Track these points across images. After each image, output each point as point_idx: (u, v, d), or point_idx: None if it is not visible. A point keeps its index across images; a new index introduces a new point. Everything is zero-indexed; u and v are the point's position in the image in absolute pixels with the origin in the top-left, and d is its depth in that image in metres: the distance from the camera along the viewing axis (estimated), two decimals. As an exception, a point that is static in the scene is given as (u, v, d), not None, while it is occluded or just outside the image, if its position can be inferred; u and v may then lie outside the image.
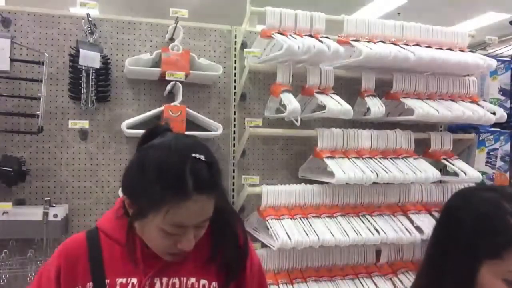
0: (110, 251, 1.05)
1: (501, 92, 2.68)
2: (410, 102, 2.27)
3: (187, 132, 2.11)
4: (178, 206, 0.92)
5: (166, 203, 0.92)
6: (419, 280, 1.06)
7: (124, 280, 1.02)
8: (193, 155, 0.95)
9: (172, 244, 0.97)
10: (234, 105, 2.37)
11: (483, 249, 0.90)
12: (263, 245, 2.14)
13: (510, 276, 0.88)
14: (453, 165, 2.37)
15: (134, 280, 1.02)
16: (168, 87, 2.15)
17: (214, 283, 1.06)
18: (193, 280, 1.04)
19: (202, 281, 1.05)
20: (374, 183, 2.15)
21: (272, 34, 2.11)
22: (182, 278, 1.04)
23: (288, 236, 1.99)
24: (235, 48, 2.38)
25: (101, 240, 1.07)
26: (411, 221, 2.25)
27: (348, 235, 2.06)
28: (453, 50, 2.36)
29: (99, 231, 1.09)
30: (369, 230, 2.13)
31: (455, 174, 2.33)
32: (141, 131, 2.13)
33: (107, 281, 1.02)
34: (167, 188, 0.91)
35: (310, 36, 2.15)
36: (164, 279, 1.03)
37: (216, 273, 1.07)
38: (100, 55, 2.09)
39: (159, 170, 0.93)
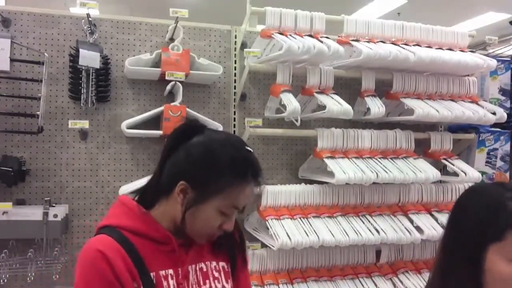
0: (142, 247, 1.07)
1: (501, 92, 2.68)
2: (410, 102, 2.27)
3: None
4: (239, 189, 1.08)
5: (233, 188, 1.07)
6: (433, 277, 1.08)
7: (164, 272, 1.08)
8: (247, 148, 1.12)
9: (218, 226, 1.10)
10: (234, 105, 2.37)
11: (487, 234, 0.95)
12: (263, 245, 2.14)
13: None
14: (453, 165, 2.37)
15: (171, 271, 1.09)
16: (168, 87, 2.15)
17: (226, 264, 1.21)
18: (214, 263, 1.18)
19: (221, 263, 1.20)
20: (374, 183, 2.15)
21: (272, 34, 2.11)
22: (206, 263, 1.17)
23: (288, 236, 1.99)
24: (235, 48, 2.38)
25: (129, 238, 1.06)
26: (411, 221, 2.25)
27: (348, 235, 2.06)
28: (453, 50, 2.36)
29: (121, 230, 1.07)
30: (369, 230, 2.13)
31: (455, 174, 2.33)
32: (141, 131, 2.16)
33: (152, 274, 1.06)
34: (235, 173, 1.06)
35: (310, 36, 2.15)
36: (193, 266, 1.14)
37: (224, 256, 1.21)
38: (100, 55, 2.09)
39: (231, 160, 1.07)
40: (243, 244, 1.27)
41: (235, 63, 2.38)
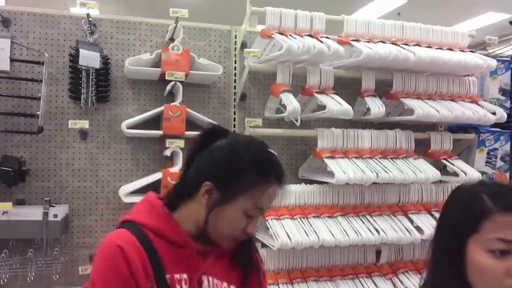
0: (161, 248, 1.07)
1: (501, 92, 2.68)
2: (410, 102, 2.27)
3: (187, 132, 2.12)
4: (263, 189, 1.09)
5: (257, 188, 1.08)
6: (426, 276, 1.10)
7: (178, 276, 1.08)
8: (270, 150, 1.16)
9: (242, 228, 1.11)
10: (234, 105, 2.37)
11: (465, 228, 0.98)
12: (263, 245, 2.13)
13: (490, 245, 0.94)
14: (453, 165, 2.37)
15: (185, 276, 1.09)
16: (168, 87, 2.15)
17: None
18: (225, 284, 1.16)
19: (231, 286, 1.17)
20: (374, 183, 2.15)
21: (272, 34, 2.11)
22: (222, 282, 1.15)
23: (288, 236, 1.99)
24: (235, 48, 2.38)
25: (150, 237, 1.07)
26: (411, 221, 2.25)
27: (348, 235, 2.06)
28: (453, 50, 2.36)
29: (142, 228, 1.07)
30: (369, 230, 2.13)
31: (455, 174, 2.33)
32: (141, 131, 2.16)
33: (167, 276, 1.06)
34: (260, 174, 1.09)
35: (310, 36, 2.15)
36: (210, 278, 1.12)
37: (237, 279, 1.19)
38: (100, 55, 2.09)
39: (255, 158, 1.10)
40: (260, 268, 1.24)
41: (235, 63, 2.38)
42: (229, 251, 1.17)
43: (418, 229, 2.20)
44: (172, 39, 2.24)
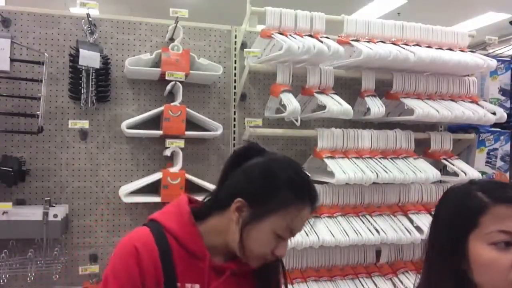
0: (178, 254, 1.08)
1: (501, 92, 2.68)
2: (410, 102, 2.27)
3: (187, 132, 2.12)
4: (298, 212, 1.06)
5: (290, 209, 1.05)
6: (421, 277, 1.10)
7: (189, 285, 1.07)
8: (305, 171, 1.12)
9: (271, 249, 1.08)
10: (234, 105, 2.37)
11: (464, 225, 0.99)
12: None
13: (492, 237, 0.95)
14: (453, 165, 2.37)
15: (197, 286, 1.08)
16: (168, 87, 2.15)
17: None
18: None
19: None
20: (374, 183, 2.15)
21: (272, 34, 2.11)
22: None
23: (288, 236, 1.99)
24: (235, 48, 2.38)
25: (169, 241, 1.07)
26: (411, 221, 2.25)
27: (348, 235, 2.06)
28: (453, 50, 2.36)
29: (165, 231, 1.08)
30: (369, 230, 2.13)
31: (455, 174, 2.33)
32: (141, 131, 2.16)
33: (178, 284, 1.06)
34: (295, 195, 1.05)
35: (310, 36, 2.15)
36: None
37: None
38: (100, 55, 2.09)
39: (290, 179, 1.07)
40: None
41: (235, 63, 2.38)
42: (249, 270, 1.14)
43: (418, 229, 2.20)
44: (172, 39, 2.24)
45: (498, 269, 0.93)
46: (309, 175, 1.13)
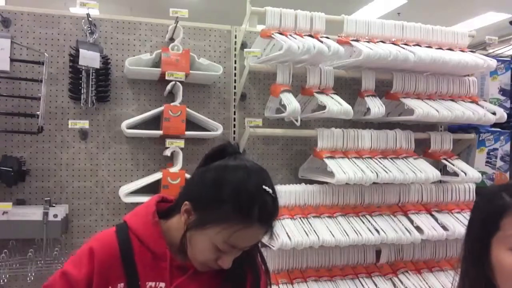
0: (141, 255, 1.08)
1: (501, 92, 2.68)
2: (410, 102, 2.27)
3: (187, 132, 2.12)
4: (240, 229, 0.99)
5: (231, 224, 0.98)
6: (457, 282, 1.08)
7: (153, 284, 1.07)
8: (264, 187, 1.02)
9: (214, 259, 1.04)
10: (234, 105, 2.37)
11: (488, 228, 0.93)
12: (263, 245, 2.13)
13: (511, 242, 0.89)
14: (453, 165, 2.37)
15: (163, 285, 1.07)
16: (168, 87, 2.15)
17: None
18: None
19: None
20: (374, 183, 2.15)
21: (272, 34, 2.11)
22: None
23: (288, 236, 1.99)
24: (235, 48, 2.38)
25: (132, 242, 1.08)
26: (411, 221, 2.25)
27: (348, 235, 2.06)
28: (453, 50, 2.37)
29: (130, 232, 1.09)
30: (369, 230, 2.13)
31: (455, 174, 2.33)
32: (141, 131, 2.16)
33: (139, 284, 1.06)
34: (238, 211, 0.98)
35: (310, 36, 2.15)
36: None
37: None
38: (100, 55, 2.09)
39: (236, 192, 0.99)
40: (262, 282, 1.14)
41: (235, 63, 2.38)
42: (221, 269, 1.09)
43: (418, 229, 2.20)
44: (172, 39, 2.24)
45: None
46: (269, 190, 1.02)
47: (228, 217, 0.98)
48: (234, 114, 2.37)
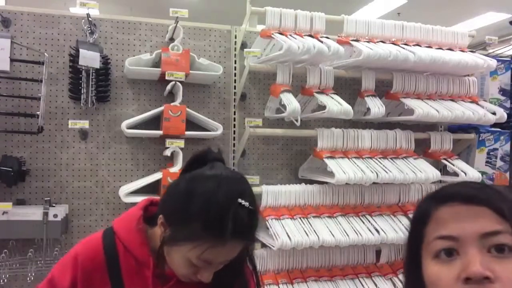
0: (126, 261, 1.07)
1: (501, 92, 2.68)
2: (410, 102, 2.27)
3: (187, 132, 2.12)
4: (212, 246, 0.95)
5: (203, 243, 0.95)
6: None
7: None
8: (239, 200, 0.96)
9: (192, 273, 1.01)
10: (234, 105, 2.37)
11: (416, 238, 0.81)
12: (263, 245, 2.14)
13: (433, 248, 0.75)
14: (453, 165, 2.37)
15: None
16: (168, 87, 2.15)
17: None
18: None
19: None
20: (374, 183, 2.15)
21: (272, 34, 2.11)
22: None
23: (288, 236, 1.99)
24: (235, 48, 2.38)
25: (117, 248, 1.07)
26: (411, 221, 2.24)
27: (348, 235, 2.06)
28: (453, 50, 2.36)
29: (116, 238, 1.08)
30: (369, 230, 2.13)
31: (455, 174, 2.33)
32: (141, 131, 2.15)
33: None
34: (208, 228, 0.94)
35: (310, 36, 2.15)
36: None
37: None
38: (100, 55, 2.09)
39: (204, 208, 0.94)
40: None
41: (235, 63, 2.38)
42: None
43: (418, 229, 2.20)
44: (172, 39, 2.24)
45: (444, 287, 0.72)
46: (245, 203, 0.96)
47: (198, 234, 0.94)
48: (234, 114, 2.37)
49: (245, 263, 1.11)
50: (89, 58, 2.04)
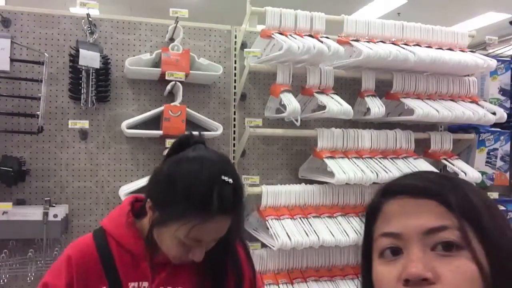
0: (120, 257, 1.08)
1: (501, 92, 2.68)
2: (410, 102, 2.27)
3: (187, 133, 2.11)
4: (200, 224, 0.97)
5: (190, 220, 0.97)
6: None
7: (136, 284, 1.07)
8: (223, 177, 0.98)
9: (184, 253, 1.03)
10: (234, 105, 2.37)
11: (367, 236, 0.74)
12: (263, 245, 2.14)
13: (378, 247, 0.69)
14: (453, 165, 2.36)
15: (146, 284, 1.08)
16: (168, 87, 2.15)
17: None
18: None
19: None
20: (374, 183, 2.15)
21: (272, 34, 2.11)
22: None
23: (288, 236, 1.99)
24: (235, 48, 2.38)
25: (110, 245, 1.08)
26: (411, 221, 2.24)
27: (348, 235, 2.06)
28: (453, 50, 2.36)
29: (107, 235, 1.10)
30: (369, 230, 2.13)
31: (455, 174, 2.33)
32: (141, 131, 2.15)
33: (121, 285, 1.06)
34: (194, 206, 0.96)
35: (310, 36, 2.15)
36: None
37: (208, 287, 1.12)
38: (100, 55, 2.09)
39: (188, 187, 0.97)
40: (244, 276, 1.14)
41: (235, 63, 2.38)
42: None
43: (418, 229, 2.20)
44: (172, 39, 2.24)
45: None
46: (229, 180, 0.99)
47: (184, 213, 0.96)
48: (234, 114, 2.37)
49: (236, 242, 1.14)
50: (89, 58, 2.04)
